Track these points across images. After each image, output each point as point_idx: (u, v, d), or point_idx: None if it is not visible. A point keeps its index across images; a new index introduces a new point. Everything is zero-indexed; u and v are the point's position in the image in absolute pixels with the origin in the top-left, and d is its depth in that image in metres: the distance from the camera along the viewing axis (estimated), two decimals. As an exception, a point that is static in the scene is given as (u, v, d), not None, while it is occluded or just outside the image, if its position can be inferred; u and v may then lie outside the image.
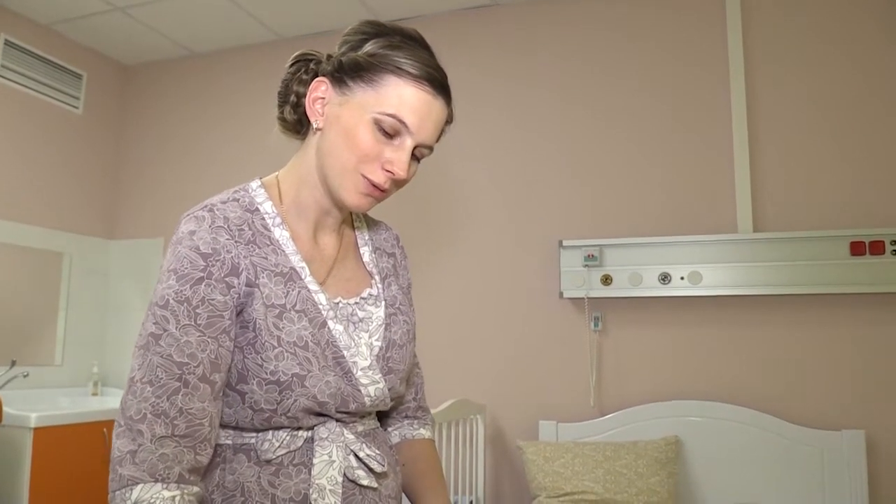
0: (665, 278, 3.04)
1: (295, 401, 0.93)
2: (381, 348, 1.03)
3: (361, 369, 1.00)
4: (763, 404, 2.96)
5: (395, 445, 1.14)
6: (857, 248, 2.83)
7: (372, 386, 1.00)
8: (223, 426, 0.96)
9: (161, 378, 0.86)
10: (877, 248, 2.81)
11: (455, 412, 2.83)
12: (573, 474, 2.80)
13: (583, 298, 3.17)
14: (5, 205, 3.62)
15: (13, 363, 3.43)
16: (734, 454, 2.90)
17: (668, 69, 3.27)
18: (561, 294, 3.19)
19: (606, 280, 3.12)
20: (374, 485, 1.00)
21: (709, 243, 3.02)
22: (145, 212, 4.18)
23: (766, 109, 3.10)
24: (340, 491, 0.96)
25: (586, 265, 3.13)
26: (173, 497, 0.83)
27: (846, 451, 2.79)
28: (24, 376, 3.46)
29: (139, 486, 0.82)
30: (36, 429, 3.03)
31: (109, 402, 3.71)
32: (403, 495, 1.12)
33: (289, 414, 0.93)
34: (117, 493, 0.83)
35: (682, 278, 3.03)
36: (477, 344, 3.40)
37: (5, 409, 2.92)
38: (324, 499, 0.94)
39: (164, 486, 0.83)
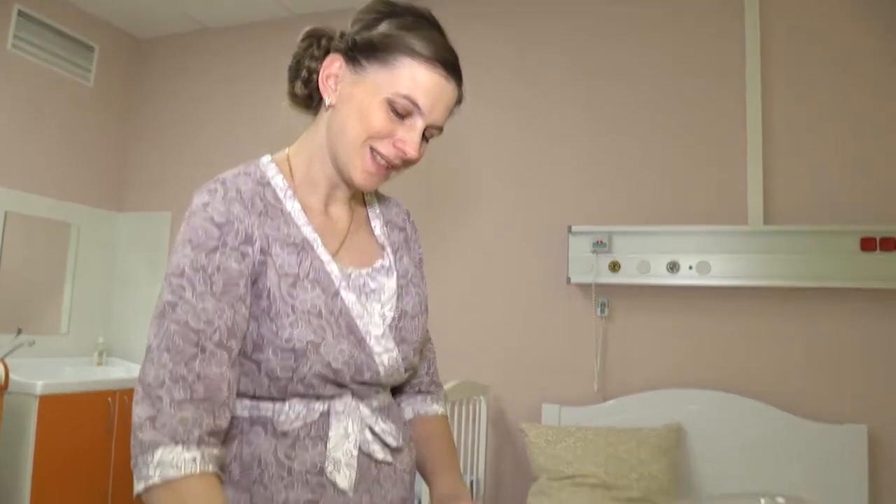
0: (673, 267, 3.04)
1: (310, 368, 0.94)
2: (393, 318, 1.04)
3: (375, 338, 1.01)
4: (766, 395, 2.96)
5: (408, 422, 1.14)
6: (867, 244, 2.83)
7: (385, 354, 1.01)
8: (240, 396, 0.96)
9: (178, 344, 0.87)
10: (887, 244, 2.80)
11: (459, 392, 2.84)
12: (575, 458, 2.81)
13: (590, 284, 3.17)
14: (14, 174, 3.63)
15: (19, 331, 3.45)
16: (736, 444, 2.91)
17: (684, 58, 3.24)
18: (568, 279, 3.19)
19: (614, 267, 3.12)
20: (389, 459, 1.01)
21: (719, 234, 3.01)
22: (154, 186, 4.18)
23: (781, 101, 3.08)
24: (356, 464, 0.97)
25: (595, 251, 3.13)
26: (194, 458, 0.83)
27: (848, 445, 2.80)
28: (30, 344, 3.48)
29: (160, 450, 0.83)
30: (41, 396, 3.05)
31: (114, 372, 3.73)
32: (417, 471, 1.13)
33: (304, 381, 0.94)
34: (139, 458, 0.84)
35: (690, 267, 3.03)
36: (483, 326, 3.41)
37: (11, 376, 2.93)
38: (339, 471, 0.95)
39: (185, 447, 0.84)
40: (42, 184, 3.76)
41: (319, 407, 0.97)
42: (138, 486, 0.83)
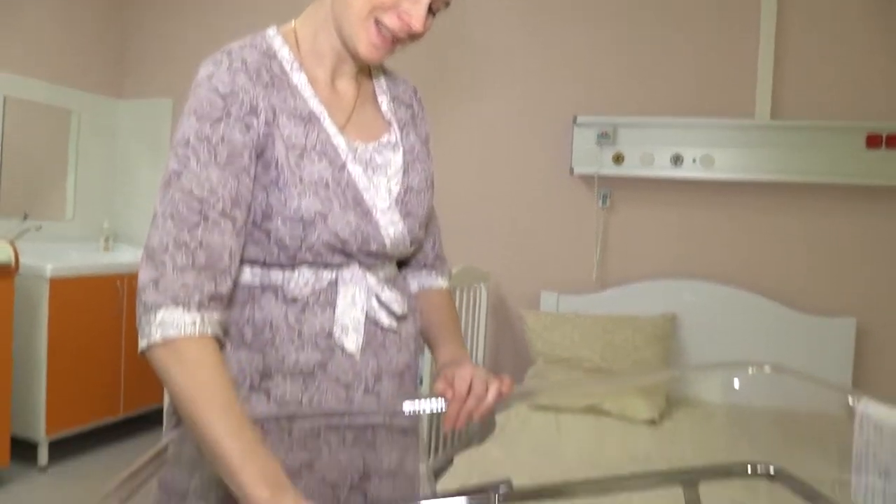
0: (677, 160, 3.04)
1: (318, 237, 0.96)
2: (399, 192, 1.06)
3: (381, 211, 1.03)
4: (761, 288, 3.03)
5: (413, 294, 1.18)
6: (873, 141, 2.81)
7: (391, 227, 1.04)
8: (251, 263, 0.99)
9: (182, 212, 0.90)
10: (893, 141, 2.79)
11: (460, 279, 2.90)
12: (571, 343, 2.91)
13: (593, 176, 3.18)
14: (13, 58, 3.56)
15: (26, 216, 3.48)
16: (727, 333, 3.00)
17: (699, -60, 3.12)
18: (571, 170, 3.20)
19: (618, 159, 3.11)
20: (395, 326, 1.05)
21: (724, 127, 2.99)
22: (155, 72, 4.11)
23: (798, -12, 2.99)
24: (363, 329, 1.01)
25: (599, 143, 3.12)
26: (194, 321, 0.87)
27: (836, 337, 2.89)
28: (37, 229, 3.52)
29: (162, 311, 0.86)
30: (52, 279, 3.12)
31: (121, 257, 3.80)
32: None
33: (313, 250, 0.97)
34: (142, 318, 0.88)
35: (694, 161, 3.02)
36: (484, 213, 3.43)
37: (21, 259, 2.98)
38: (347, 336, 1.00)
39: (186, 310, 0.87)
40: (41, 68, 3.69)
41: (327, 275, 1.00)
42: (141, 344, 0.88)
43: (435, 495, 1.18)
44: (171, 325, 0.86)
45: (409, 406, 1.05)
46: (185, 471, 1.01)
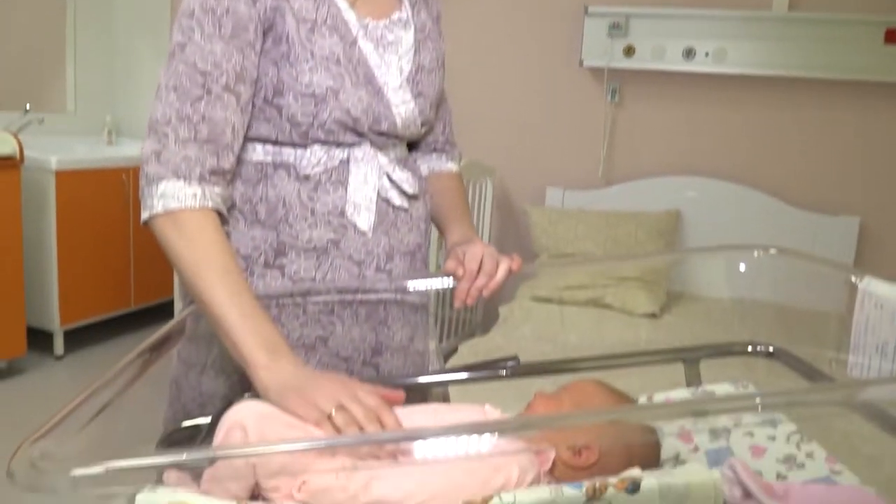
0: (689, 53, 2.97)
1: (330, 114, 0.96)
2: (410, 71, 1.05)
3: (392, 89, 1.02)
4: (768, 186, 3.02)
5: (423, 177, 1.19)
6: (892, 37, 2.74)
7: (403, 106, 1.03)
8: (263, 141, 0.99)
9: (185, 85, 0.90)
10: (912, 38, 2.71)
11: (465, 174, 2.86)
12: (575, 238, 2.93)
13: (603, 69, 3.11)
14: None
15: (27, 109, 3.44)
16: (730, 231, 3.01)
17: None
18: (581, 63, 3.13)
19: (629, 51, 3.04)
20: (406, 206, 1.06)
21: (740, 19, 2.91)
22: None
23: None
24: (374, 208, 1.02)
25: (610, 34, 3.04)
26: (195, 193, 0.88)
27: (839, 235, 2.91)
28: (40, 122, 3.49)
29: (163, 183, 0.88)
30: (58, 172, 3.12)
31: (126, 150, 3.77)
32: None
33: (325, 127, 0.97)
34: (145, 189, 0.89)
35: (706, 54, 2.96)
36: (490, 106, 3.38)
37: (25, 152, 2.97)
38: (359, 214, 1.01)
39: (187, 183, 0.88)
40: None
41: (339, 154, 1.00)
42: (143, 215, 0.90)
43: (444, 371, 1.22)
44: (173, 197, 0.87)
45: (419, 283, 1.07)
46: (202, 345, 1.04)
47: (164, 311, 3.70)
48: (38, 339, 3.22)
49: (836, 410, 0.90)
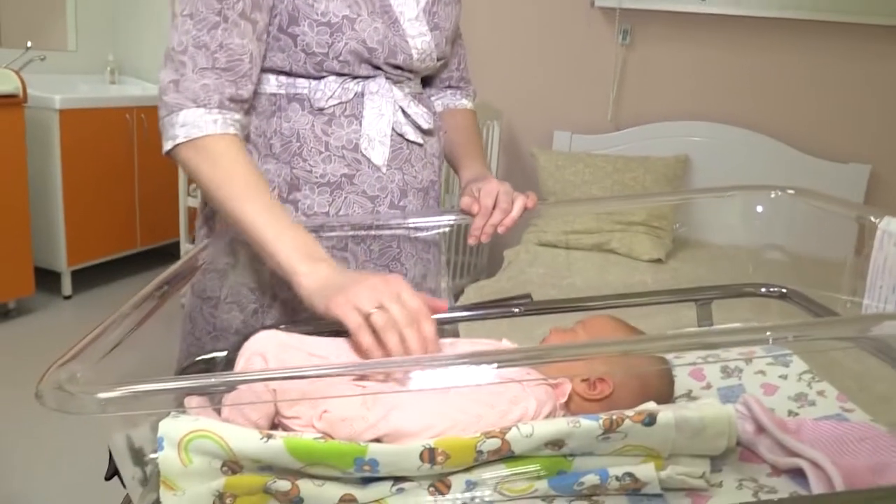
0: (703, -7, 2.90)
1: (345, 44, 0.94)
2: (427, 2, 1.03)
3: (408, 20, 1.00)
4: (778, 132, 2.99)
5: (437, 113, 1.17)
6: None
7: (419, 38, 1.01)
8: (276, 72, 0.98)
9: (202, 12, 0.88)
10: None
11: (474, 116, 2.85)
12: (582, 182, 2.91)
13: (614, 9, 3.04)
14: None
15: (28, 46, 3.38)
16: (739, 177, 2.98)
17: None
18: (592, 3, 3.06)
19: (642, -10, 2.98)
20: (420, 141, 1.05)
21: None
22: None
23: None
24: (389, 142, 1.01)
25: (623, -27, 2.96)
26: (215, 120, 0.88)
27: (848, 183, 2.88)
28: (42, 59, 3.43)
29: (183, 111, 0.87)
30: (62, 110, 3.09)
31: (129, 90, 3.73)
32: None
33: (340, 58, 0.95)
34: (165, 119, 0.88)
35: (721, -6, 2.89)
36: (499, 47, 3.31)
37: (28, 91, 2.93)
38: (373, 149, 1.00)
39: (206, 110, 0.87)
40: None
41: (354, 87, 0.99)
42: (166, 146, 0.89)
43: (456, 309, 1.22)
44: (193, 125, 0.87)
45: (433, 220, 1.07)
46: (216, 278, 1.04)
47: (169, 252, 3.71)
48: (47, 280, 3.24)
49: (848, 347, 0.90)
